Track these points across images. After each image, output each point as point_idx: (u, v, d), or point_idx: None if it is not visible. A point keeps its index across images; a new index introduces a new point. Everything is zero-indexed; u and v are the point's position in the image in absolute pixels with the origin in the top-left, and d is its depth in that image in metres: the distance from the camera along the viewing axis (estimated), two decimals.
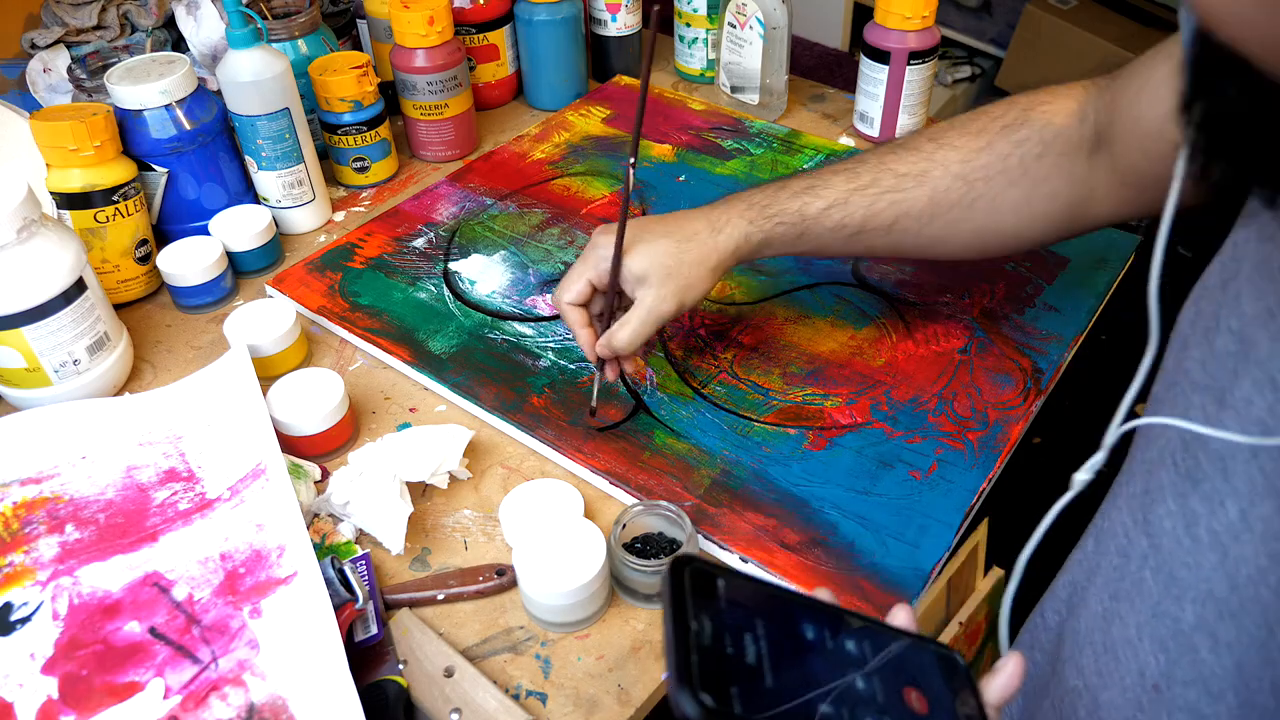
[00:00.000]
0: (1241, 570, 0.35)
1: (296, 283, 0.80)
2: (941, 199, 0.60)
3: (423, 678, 0.52)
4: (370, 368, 0.74)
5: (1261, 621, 0.35)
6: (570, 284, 0.62)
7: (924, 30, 0.89)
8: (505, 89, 1.06)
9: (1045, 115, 0.58)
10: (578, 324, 0.63)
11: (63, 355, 0.66)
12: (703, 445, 0.65)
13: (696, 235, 0.61)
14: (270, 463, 0.60)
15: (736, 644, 0.34)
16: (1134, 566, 0.42)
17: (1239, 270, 0.38)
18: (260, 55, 0.79)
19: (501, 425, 0.67)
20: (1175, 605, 0.39)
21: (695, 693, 0.31)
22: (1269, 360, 0.34)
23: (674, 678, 0.32)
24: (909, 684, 0.36)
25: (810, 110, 1.03)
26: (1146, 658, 0.40)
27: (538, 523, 0.57)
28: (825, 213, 0.61)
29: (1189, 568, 0.38)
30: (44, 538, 0.57)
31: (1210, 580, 0.37)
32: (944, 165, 0.60)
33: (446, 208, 0.89)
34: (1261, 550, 0.34)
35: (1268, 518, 0.34)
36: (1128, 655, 0.42)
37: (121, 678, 0.50)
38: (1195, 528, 0.38)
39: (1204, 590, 0.37)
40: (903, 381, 0.69)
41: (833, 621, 0.36)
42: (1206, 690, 0.38)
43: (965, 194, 0.60)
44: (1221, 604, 0.37)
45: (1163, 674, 0.40)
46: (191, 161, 0.80)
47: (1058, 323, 0.73)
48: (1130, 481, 0.44)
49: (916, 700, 0.35)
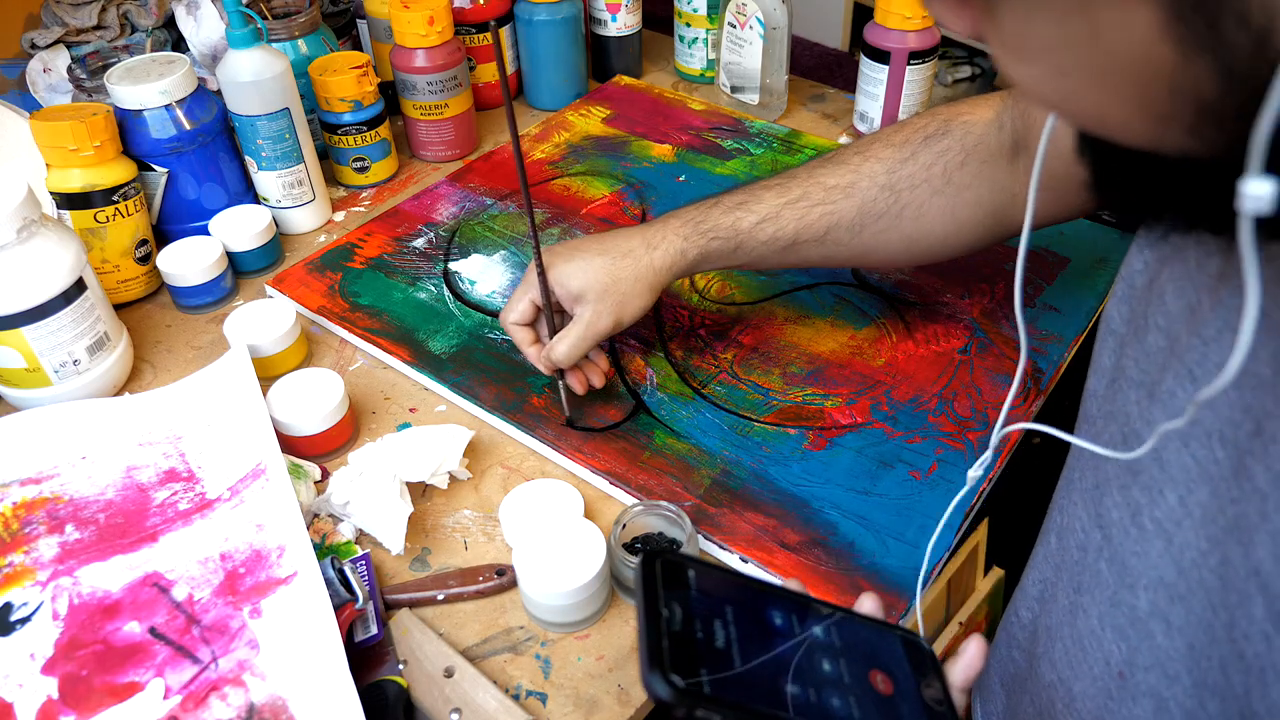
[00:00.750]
0: (1186, 555, 0.37)
1: (296, 283, 0.80)
2: (870, 209, 0.62)
3: (423, 678, 0.52)
4: (370, 368, 0.74)
5: (1206, 603, 0.36)
6: (513, 305, 0.66)
7: (924, 30, 0.89)
8: None
9: (966, 124, 0.61)
10: (524, 342, 0.66)
11: (63, 355, 0.66)
12: (703, 445, 0.65)
13: (632, 253, 0.63)
14: (270, 463, 0.60)
15: (706, 629, 0.35)
16: (1091, 558, 0.43)
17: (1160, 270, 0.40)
18: (260, 55, 0.79)
19: (501, 425, 0.67)
20: (1130, 593, 0.40)
21: (666, 674, 0.33)
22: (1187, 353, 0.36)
23: (645, 660, 0.33)
24: (875, 667, 0.37)
25: (810, 110, 1.03)
26: (1110, 646, 0.42)
27: (538, 523, 0.57)
28: (759, 227, 0.63)
29: (1138, 556, 0.39)
30: (44, 538, 0.57)
31: (1159, 566, 0.38)
32: (870, 177, 0.63)
33: (446, 208, 0.89)
34: (1201, 534, 0.36)
35: (1204, 503, 0.35)
36: (1093, 645, 0.43)
37: (121, 678, 0.50)
38: (1140, 517, 0.39)
39: (1154, 577, 0.38)
40: (903, 381, 0.69)
41: (800, 609, 0.38)
42: (1164, 673, 0.39)
43: (892, 204, 0.62)
44: (1171, 589, 0.38)
45: (1125, 661, 0.41)
46: (191, 161, 0.80)
47: (1058, 323, 0.73)
48: (1083, 476, 0.45)
49: (882, 682, 0.37)
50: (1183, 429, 0.36)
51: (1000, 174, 0.60)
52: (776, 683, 0.35)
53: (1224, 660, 0.35)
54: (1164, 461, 0.37)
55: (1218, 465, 0.35)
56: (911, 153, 0.62)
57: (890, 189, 0.62)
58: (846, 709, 0.35)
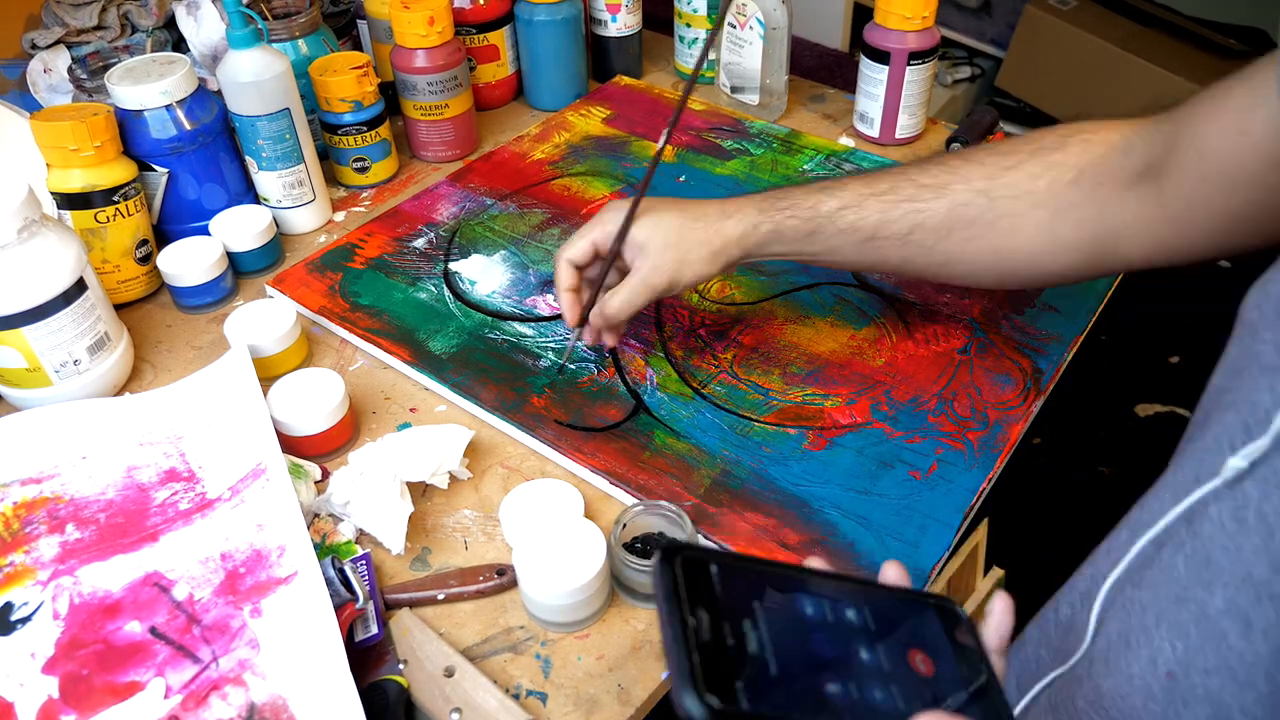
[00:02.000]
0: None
1: (297, 283, 0.80)
2: (961, 213, 0.59)
3: (423, 678, 0.52)
4: (370, 368, 0.74)
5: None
6: (574, 242, 0.64)
7: (924, 30, 0.89)
8: (505, 89, 1.06)
9: (1086, 141, 0.57)
10: (566, 284, 0.64)
11: (63, 355, 0.67)
12: (703, 445, 0.65)
13: (705, 216, 0.62)
14: (270, 463, 0.60)
15: (736, 634, 0.33)
16: (1167, 554, 0.41)
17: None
18: (260, 55, 0.79)
19: (501, 425, 0.67)
20: (1204, 591, 0.38)
21: (701, 695, 0.30)
22: None
23: (676, 680, 0.31)
24: (912, 646, 0.36)
25: (810, 110, 1.03)
26: (1160, 644, 0.40)
27: (538, 523, 0.57)
28: (839, 213, 0.61)
29: (1227, 552, 0.37)
30: (44, 537, 0.57)
31: (1249, 563, 0.36)
32: (967, 180, 0.59)
33: (447, 208, 0.89)
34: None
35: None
36: (1140, 642, 0.41)
37: (122, 677, 0.50)
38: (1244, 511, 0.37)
39: (1240, 574, 0.37)
40: (903, 381, 0.69)
41: (831, 590, 0.36)
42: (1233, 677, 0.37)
43: (986, 210, 0.58)
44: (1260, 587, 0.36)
45: (1179, 661, 0.39)
46: (192, 162, 0.80)
47: (1058, 323, 0.73)
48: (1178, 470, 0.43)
49: (922, 663, 0.35)
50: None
51: (1113, 199, 0.55)
52: (815, 682, 0.33)
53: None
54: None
55: None
56: (1017, 162, 0.58)
57: (986, 194, 0.58)
58: (890, 701, 0.33)
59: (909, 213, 0.60)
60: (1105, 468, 0.88)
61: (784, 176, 0.90)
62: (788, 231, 0.62)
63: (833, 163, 0.92)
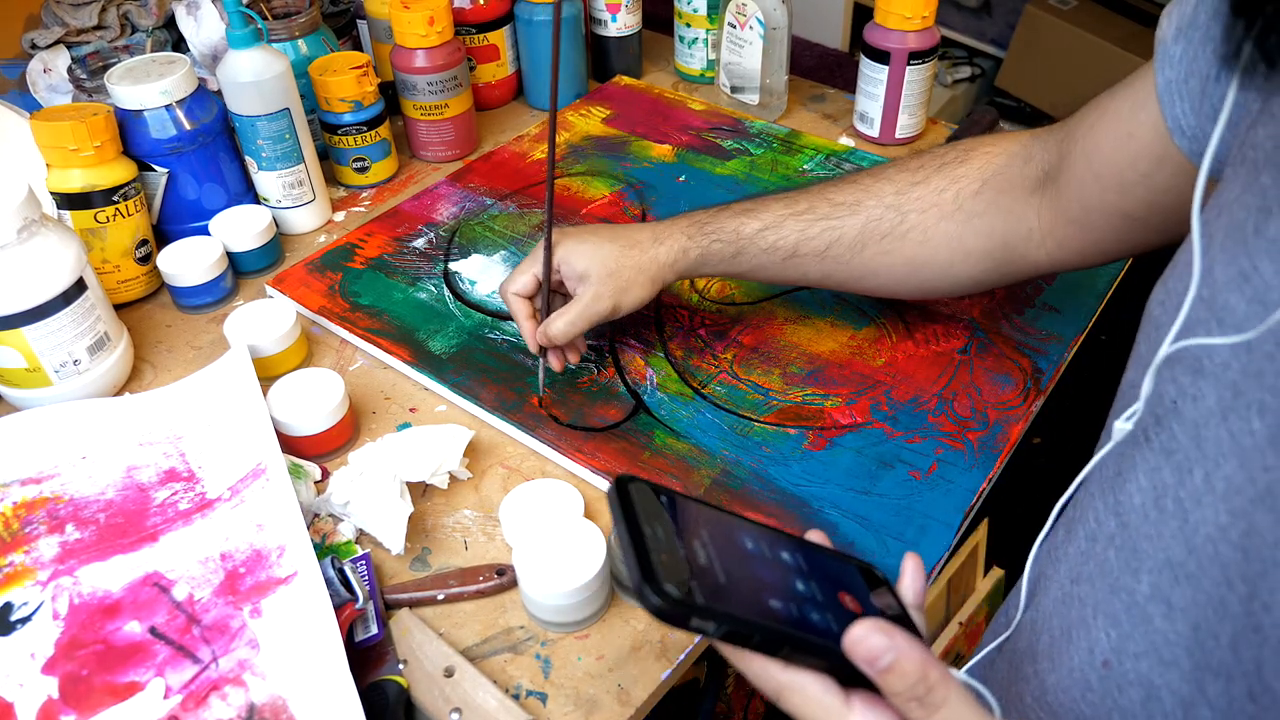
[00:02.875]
0: (1200, 531, 0.36)
1: (297, 283, 0.80)
2: (874, 228, 0.62)
3: (423, 678, 0.52)
4: (370, 368, 0.74)
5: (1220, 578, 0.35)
6: (516, 276, 0.66)
7: (924, 30, 0.89)
8: (505, 89, 1.06)
9: (986, 155, 0.61)
10: (521, 315, 0.66)
11: (63, 355, 0.67)
12: (703, 445, 0.65)
13: (639, 244, 0.65)
14: (270, 463, 0.60)
15: (688, 548, 0.36)
16: (1100, 548, 0.43)
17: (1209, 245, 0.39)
18: (260, 55, 0.79)
19: (501, 425, 0.67)
20: (1132, 578, 0.40)
21: (661, 585, 0.33)
22: None
23: (636, 575, 0.34)
24: (841, 589, 0.39)
25: (810, 110, 1.03)
26: (1097, 634, 0.41)
27: (538, 523, 0.57)
28: (760, 234, 0.64)
29: (1150, 539, 0.39)
30: (44, 538, 0.57)
31: (1169, 548, 0.38)
32: (878, 195, 0.62)
33: (446, 208, 0.89)
34: (1222, 509, 0.35)
35: (1229, 476, 0.35)
36: (1080, 635, 0.42)
37: (122, 677, 0.50)
38: (1163, 499, 0.39)
39: (1161, 559, 0.38)
40: (903, 381, 0.69)
41: (766, 536, 0.40)
42: (1159, 659, 0.38)
43: (897, 224, 0.62)
44: (1178, 568, 0.37)
45: (1113, 649, 0.40)
46: (191, 161, 0.80)
47: (1058, 323, 0.73)
48: (1103, 467, 0.45)
49: (850, 602, 0.38)
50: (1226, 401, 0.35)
51: (1017, 205, 0.59)
52: (760, 596, 0.36)
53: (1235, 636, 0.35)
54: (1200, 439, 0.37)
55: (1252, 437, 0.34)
56: (924, 177, 0.62)
57: (896, 209, 0.62)
58: (825, 623, 0.36)
59: (825, 230, 0.63)
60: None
61: (784, 176, 0.90)
62: (714, 254, 0.65)
63: (833, 162, 0.92)
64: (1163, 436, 0.39)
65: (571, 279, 0.65)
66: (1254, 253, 0.36)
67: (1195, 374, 0.38)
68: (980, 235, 0.60)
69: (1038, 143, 0.58)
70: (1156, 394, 0.40)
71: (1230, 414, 0.35)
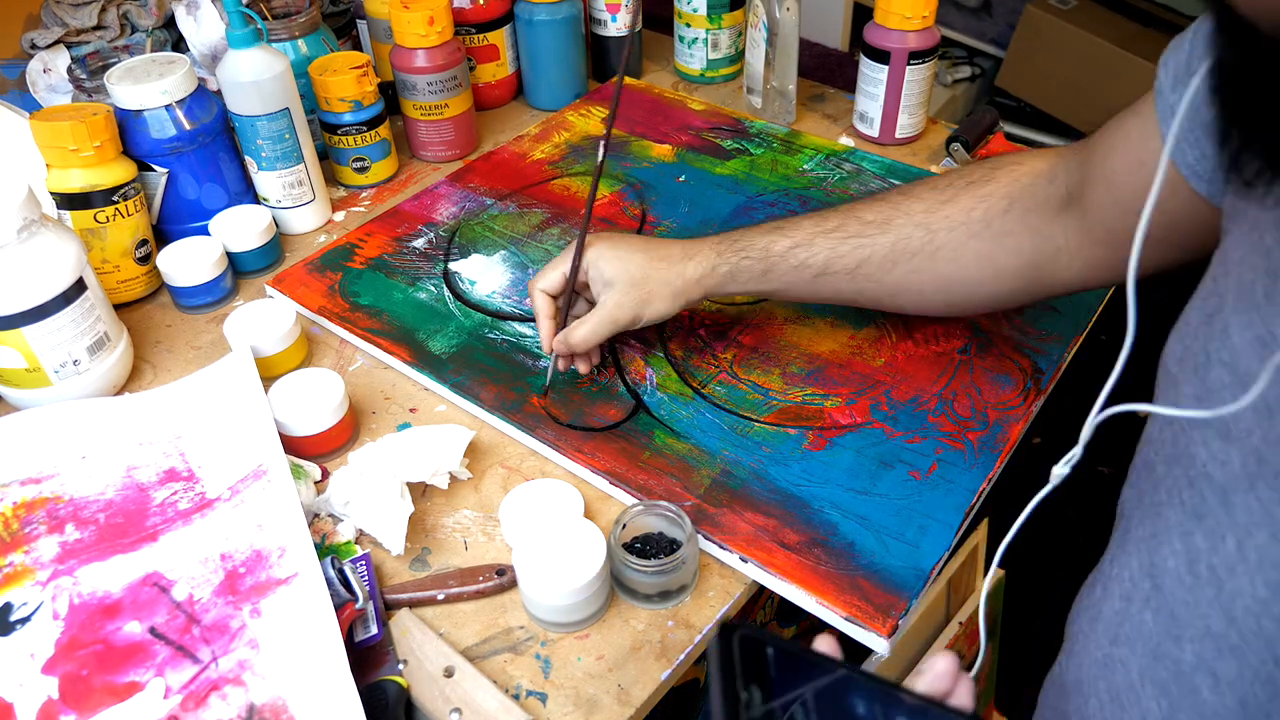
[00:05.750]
0: (1238, 603, 0.36)
1: (296, 283, 0.80)
2: (903, 246, 0.62)
3: (423, 678, 0.52)
4: (370, 368, 0.74)
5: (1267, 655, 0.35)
6: (546, 273, 0.66)
7: (924, 30, 0.89)
8: (505, 89, 1.06)
9: (1013, 173, 0.60)
10: (543, 313, 0.67)
11: (63, 355, 0.66)
12: (703, 445, 0.65)
13: (669, 257, 0.65)
14: (271, 463, 0.60)
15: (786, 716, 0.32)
16: (1135, 609, 0.42)
17: (1222, 305, 0.39)
18: (260, 55, 0.79)
19: (501, 425, 0.67)
20: (1175, 645, 0.39)
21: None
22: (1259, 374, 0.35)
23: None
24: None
25: (810, 110, 1.03)
26: (1149, 703, 0.40)
27: (538, 523, 0.57)
28: (790, 251, 0.64)
29: (1187, 605, 0.38)
30: (44, 538, 0.57)
31: (1207, 616, 0.37)
32: (908, 214, 0.62)
33: (446, 208, 0.89)
34: (1259, 580, 0.35)
35: (1261, 547, 0.34)
36: (1131, 701, 0.41)
37: (122, 678, 0.50)
38: (1197, 564, 0.38)
39: (1201, 627, 0.37)
40: (903, 381, 0.69)
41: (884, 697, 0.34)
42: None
43: (927, 243, 0.61)
44: (1220, 640, 0.36)
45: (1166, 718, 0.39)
46: (191, 161, 0.80)
47: (1058, 323, 0.73)
48: (1140, 525, 0.44)
49: None
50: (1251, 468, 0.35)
51: (1045, 225, 0.58)
52: None
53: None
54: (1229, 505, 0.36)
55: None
56: (953, 195, 0.61)
57: (926, 227, 0.61)
58: None
59: (856, 248, 0.63)
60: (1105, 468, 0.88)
61: (784, 176, 0.90)
62: (743, 272, 0.65)
63: (833, 163, 0.92)
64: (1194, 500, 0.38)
65: (597, 283, 0.65)
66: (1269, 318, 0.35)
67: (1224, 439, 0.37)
68: (1010, 254, 0.60)
69: (1062, 162, 0.58)
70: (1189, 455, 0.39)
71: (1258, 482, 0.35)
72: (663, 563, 0.54)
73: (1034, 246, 0.59)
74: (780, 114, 0.99)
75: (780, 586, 0.56)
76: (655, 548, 0.57)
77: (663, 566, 0.54)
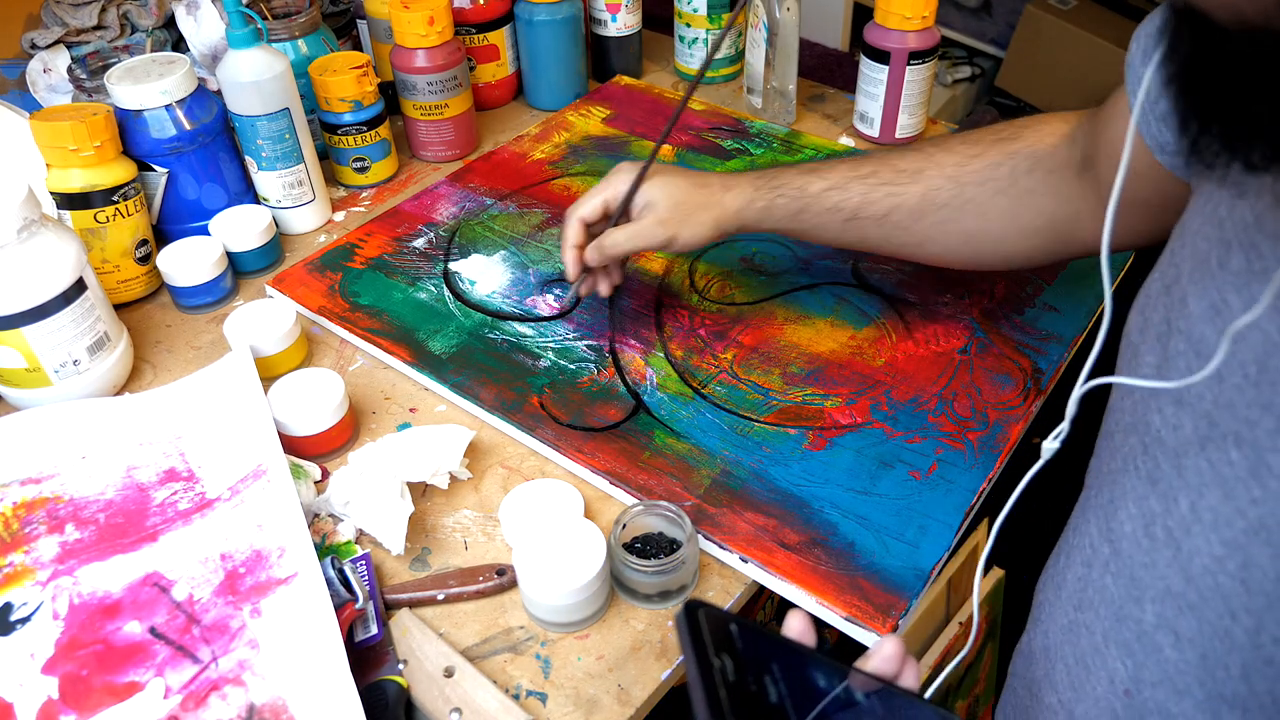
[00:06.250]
0: (1195, 562, 0.36)
1: (296, 283, 0.80)
2: (933, 197, 0.63)
3: (423, 678, 0.52)
4: (370, 368, 0.74)
5: (1223, 610, 0.35)
6: (587, 199, 0.68)
7: (924, 30, 0.89)
8: (505, 89, 1.06)
9: (1038, 134, 0.61)
10: (572, 237, 0.69)
11: (63, 355, 0.66)
12: (703, 445, 0.65)
13: (709, 185, 0.67)
14: (271, 463, 0.60)
15: (758, 683, 0.34)
16: (1096, 574, 0.43)
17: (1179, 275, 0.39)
18: (260, 55, 0.79)
19: (501, 425, 0.67)
20: (1136, 607, 0.40)
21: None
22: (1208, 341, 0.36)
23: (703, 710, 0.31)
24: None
25: (810, 110, 1.03)
26: (1114, 663, 0.41)
27: (538, 523, 0.57)
28: (825, 193, 0.65)
29: (1146, 567, 0.39)
30: (44, 538, 0.57)
31: (1166, 577, 0.38)
32: (939, 166, 0.63)
33: (446, 208, 0.89)
34: (1214, 538, 0.35)
35: (1214, 506, 0.35)
36: (1096, 664, 0.42)
37: (121, 678, 0.50)
38: (1152, 526, 0.39)
39: (1162, 588, 0.38)
40: (903, 381, 0.69)
41: (839, 674, 0.37)
42: (1173, 688, 0.38)
43: (955, 195, 0.62)
44: (1179, 598, 0.37)
45: (1131, 678, 0.40)
46: (191, 161, 0.80)
47: (1058, 323, 0.73)
48: (1098, 493, 0.45)
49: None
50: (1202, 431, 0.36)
51: (1066, 186, 0.59)
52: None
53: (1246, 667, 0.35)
54: (1182, 468, 0.37)
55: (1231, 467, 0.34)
56: (981, 151, 0.62)
57: (955, 180, 0.62)
58: None
59: (887, 195, 0.64)
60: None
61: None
62: (778, 208, 0.66)
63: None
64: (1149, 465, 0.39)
65: (638, 205, 0.67)
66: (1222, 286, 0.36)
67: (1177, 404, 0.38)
68: (1033, 213, 0.61)
69: (1080, 128, 0.59)
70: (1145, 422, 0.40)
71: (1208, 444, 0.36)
72: (663, 563, 0.54)
73: (1055, 207, 0.60)
74: (780, 114, 0.99)
75: (780, 586, 0.56)
76: (655, 548, 0.57)
77: (663, 566, 0.54)
